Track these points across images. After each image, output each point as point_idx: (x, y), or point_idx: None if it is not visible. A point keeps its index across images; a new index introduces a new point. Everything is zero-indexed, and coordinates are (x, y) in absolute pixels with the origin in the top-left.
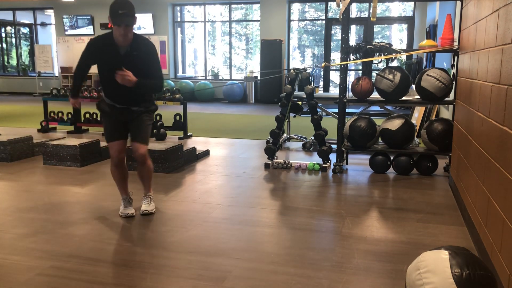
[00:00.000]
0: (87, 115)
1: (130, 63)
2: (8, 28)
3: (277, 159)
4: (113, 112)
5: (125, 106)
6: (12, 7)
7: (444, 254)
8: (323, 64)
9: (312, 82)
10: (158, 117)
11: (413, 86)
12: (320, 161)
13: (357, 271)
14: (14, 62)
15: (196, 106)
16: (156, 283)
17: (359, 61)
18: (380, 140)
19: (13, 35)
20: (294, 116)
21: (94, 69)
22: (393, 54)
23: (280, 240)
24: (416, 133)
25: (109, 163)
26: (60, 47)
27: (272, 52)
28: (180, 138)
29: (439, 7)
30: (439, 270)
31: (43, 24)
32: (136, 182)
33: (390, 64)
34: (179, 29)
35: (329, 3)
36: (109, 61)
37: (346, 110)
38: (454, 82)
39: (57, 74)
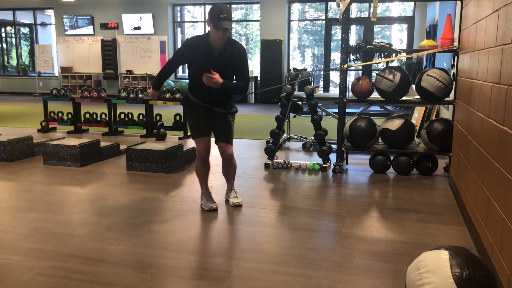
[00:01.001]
0: (87, 115)
1: (222, 64)
2: (8, 28)
3: (277, 159)
4: (198, 110)
5: (209, 106)
6: (12, 7)
7: (444, 254)
8: (345, 66)
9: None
10: (158, 117)
11: (413, 86)
12: (320, 161)
13: (357, 271)
14: (14, 62)
15: None
16: (156, 283)
17: (381, 61)
18: (380, 140)
19: (13, 35)
20: (294, 116)
21: (94, 69)
22: (394, 56)
23: (280, 240)
24: (416, 133)
25: (109, 163)
26: (60, 47)
27: (272, 52)
28: (180, 138)
29: (439, 7)
30: (439, 270)
31: (43, 24)
32: (138, 182)
33: (390, 64)
34: (179, 29)
35: (329, 3)
36: (202, 60)
37: (346, 110)
38: (454, 82)
39: (57, 74)
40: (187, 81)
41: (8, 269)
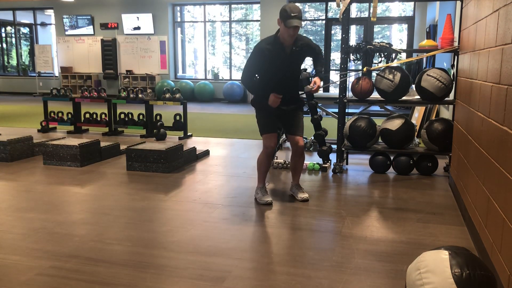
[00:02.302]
0: (87, 115)
1: (296, 59)
2: (8, 28)
3: (277, 159)
4: (271, 109)
5: (281, 103)
6: (12, 7)
7: (444, 254)
8: (364, 69)
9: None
10: (158, 117)
11: (413, 86)
12: (320, 161)
13: (357, 271)
14: (14, 62)
15: (196, 106)
16: (156, 283)
17: (404, 61)
18: (380, 140)
19: (13, 35)
20: None
21: (94, 69)
22: (394, 56)
23: (280, 240)
24: (416, 133)
25: (109, 163)
26: (60, 47)
27: None
28: (180, 138)
29: (439, 7)
30: (439, 270)
31: (43, 24)
32: (138, 182)
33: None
34: (179, 29)
35: (329, 3)
36: (278, 61)
37: (346, 110)
38: (454, 82)
39: (57, 74)
40: (187, 81)
41: (8, 269)
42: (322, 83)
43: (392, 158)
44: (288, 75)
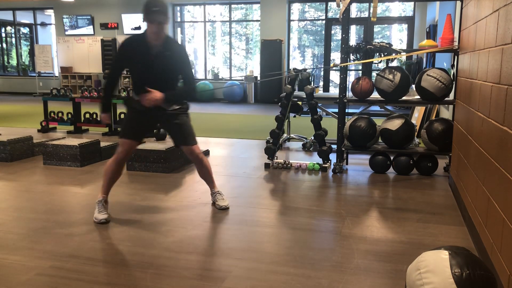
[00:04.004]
0: (87, 115)
1: (162, 63)
2: (8, 28)
3: (277, 159)
4: (138, 112)
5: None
6: (12, 7)
7: (444, 254)
8: (332, 64)
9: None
10: None
11: (413, 86)
12: (320, 161)
13: (357, 271)
14: (14, 62)
15: (196, 106)
16: (156, 283)
17: (377, 59)
18: (380, 140)
19: (13, 35)
20: (294, 116)
21: (94, 69)
22: (395, 55)
23: (280, 240)
24: (416, 133)
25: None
26: (60, 47)
27: (272, 52)
28: None
29: (439, 7)
30: (439, 270)
31: (43, 24)
32: (138, 182)
33: (390, 64)
34: (179, 29)
35: (329, 3)
36: (142, 60)
37: (346, 110)
38: (454, 82)
39: (57, 74)
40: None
41: (8, 269)
42: (167, 99)
43: (392, 158)
44: (160, 76)
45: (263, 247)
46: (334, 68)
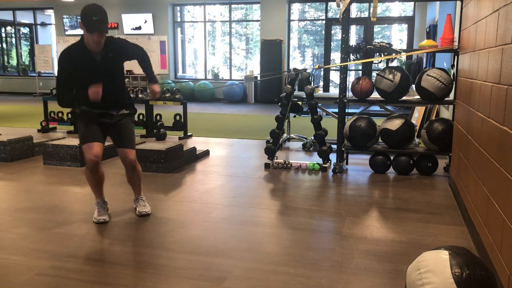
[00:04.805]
0: None
1: (109, 66)
2: (8, 28)
3: (277, 159)
4: (90, 117)
5: (104, 111)
6: (12, 7)
7: (444, 254)
8: (316, 66)
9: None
10: (158, 117)
11: (413, 86)
12: (320, 161)
13: (357, 271)
14: (14, 62)
15: (196, 106)
16: (156, 283)
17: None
18: (380, 140)
19: (13, 35)
20: (294, 116)
21: None
22: (393, 55)
23: (280, 240)
24: (416, 133)
25: (108, 164)
26: (60, 47)
27: (272, 52)
28: (180, 138)
29: (439, 7)
30: (439, 270)
31: (43, 24)
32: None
33: (390, 64)
34: (179, 29)
35: (329, 3)
36: (87, 69)
37: (346, 110)
38: (454, 82)
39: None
40: (187, 81)
41: (8, 269)
42: (158, 87)
43: (392, 158)
44: (110, 80)
45: (263, 247)
46: (318, 69)
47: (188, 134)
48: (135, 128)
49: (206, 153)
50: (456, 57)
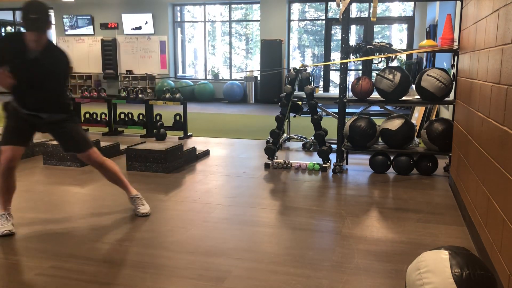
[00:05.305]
0: (87, 115)
1: (36, 70)
2: (8, 28)
3: (277, 159)
4: (18, 116)
5: (34, 113)
6: (12, 7)
7: (444, 254)
8: (300, 65)
9: (312, 82)
10: (158, 117)
11: (413, 86)
12: (320, 161)
13: (357, 271)
14: None
15: (196, 106)
16: (156, 283)
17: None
18: (380, 140)
19: None
20: (294, 116)
21: (94, 69)
22: (393, 54)
23: (280, 240)
24: (416, 133)
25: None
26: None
27: (272, 52)
28: (180, 138)
29: (439, 7)
30: (439, 270)
31: None
32: (138, 182)
33: (390, 64)
34: (179, 29)
35: (329, 3)
36: (17, 62)
37: (346, 110)
38: (454, 82)
39: None
40: (187, 81)
41: (8, 269)
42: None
43: (392, 158)
44: (34, 84)
45: (263, 247)
46: (302, 68)
47: (188, 134)
48: (135, 128)
49: (206, 153)
50: (456, 57)
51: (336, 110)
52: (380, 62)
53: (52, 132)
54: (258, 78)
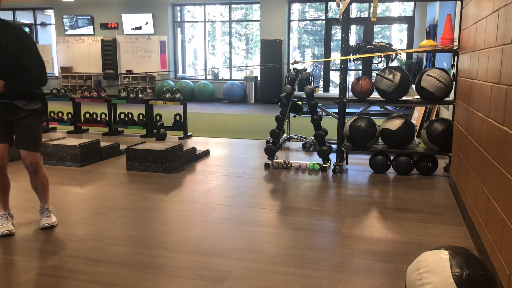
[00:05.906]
0: (87, 115)
1: (3, 54)
2: None
3: (277, 159)
4: None
5: (8, 101)
6: (12, 7)
7: (444, 254)
8: (293, 61)
9: (312, 82)
10: (158, 117)
11: (413, 86)
12: (320, 161)
13: (357, 271)
14: None
15: (196, 106)
16: (156, 283)
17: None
18: (380, 140)
19: None
20: (294, 116)
21: (94, 69)
22: (393, 53)
23: (280, 240)
24: (416, 133)
25: (109, 163)
26: (60, 47)
27: (272, 52)
28: (180, 138)
29: (439, 7)
30: (439, 270)
31: (43, 24)
32: (138, 182)
33: (390, 64)
34: (179, 29)
35: (329, 3)
36: None
37: (346, 110)
38: (454, 82)
39: (57, 74)
40: (187, 81)
41: (8, 269)
42: (7, 86)
43: (392, 158)
44: (6, 66)
45: (263, 247)
46: (294, 64)
47: (188, 134)
48: (135, 128)
49: (206, 153)
50: (456, 57)
51: (336, 110)
52: (380, 62)
53: (16, 124)
54: (258, 78)
